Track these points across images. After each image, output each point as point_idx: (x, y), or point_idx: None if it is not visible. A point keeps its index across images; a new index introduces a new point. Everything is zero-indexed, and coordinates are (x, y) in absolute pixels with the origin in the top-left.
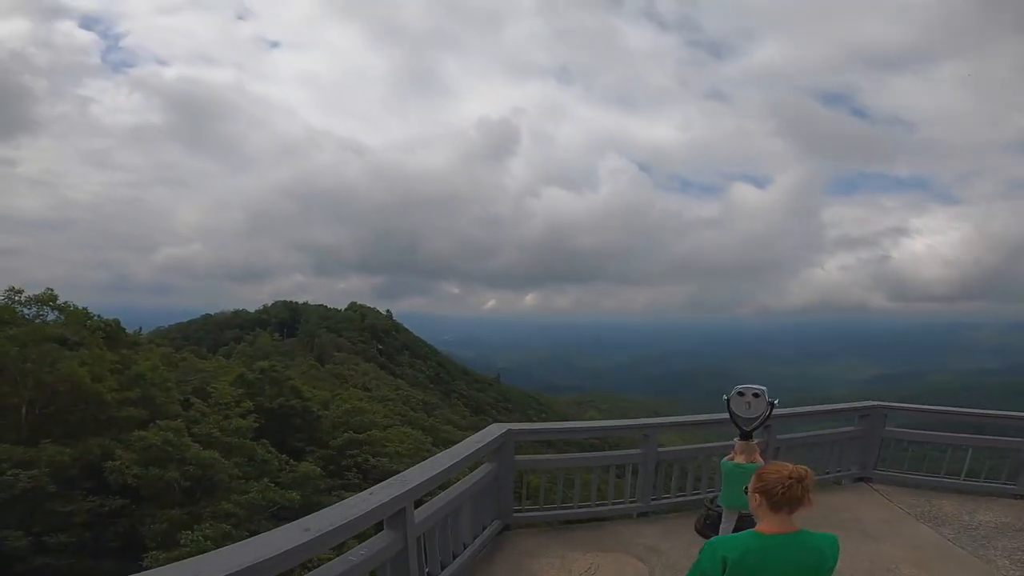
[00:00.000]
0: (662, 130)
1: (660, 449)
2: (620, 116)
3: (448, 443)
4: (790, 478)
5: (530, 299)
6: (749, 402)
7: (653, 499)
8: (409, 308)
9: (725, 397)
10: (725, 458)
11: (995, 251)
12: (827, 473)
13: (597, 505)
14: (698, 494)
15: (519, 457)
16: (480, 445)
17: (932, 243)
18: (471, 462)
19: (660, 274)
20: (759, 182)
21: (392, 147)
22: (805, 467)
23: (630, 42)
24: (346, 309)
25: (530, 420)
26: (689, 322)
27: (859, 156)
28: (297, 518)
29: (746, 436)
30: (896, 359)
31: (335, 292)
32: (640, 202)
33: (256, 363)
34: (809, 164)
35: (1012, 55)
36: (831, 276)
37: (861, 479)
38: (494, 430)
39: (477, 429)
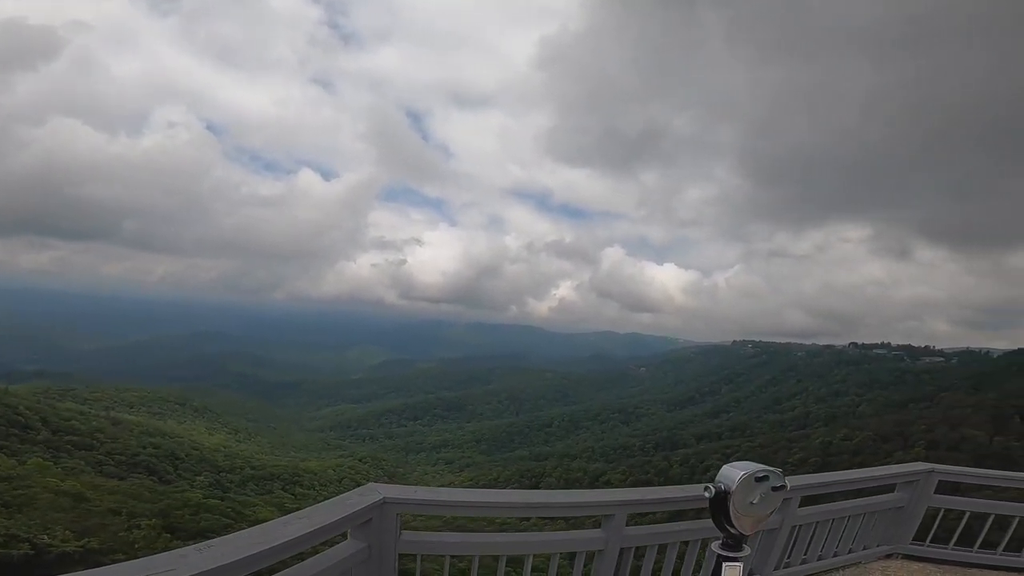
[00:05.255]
0: (255, 99)
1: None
2: (211, 69)
3: None
4: None
5: None
6: None
7: None
8: None
9: None
10: None
11: (470, 268)
12: None
13: None
14: None
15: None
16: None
17: (435, 255)
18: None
19: (195, 245)
20: (327, 174)
21: None
22: None
23: None
24: None
25: None
26: (221, 302)
27: (410, 171)
28: None
29: None
30: (399, 347)
31: None
32: (194, 164)
33: None
34: (375, 169)
35: (539, 123)
36: (361, 271)
37: None
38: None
39: None
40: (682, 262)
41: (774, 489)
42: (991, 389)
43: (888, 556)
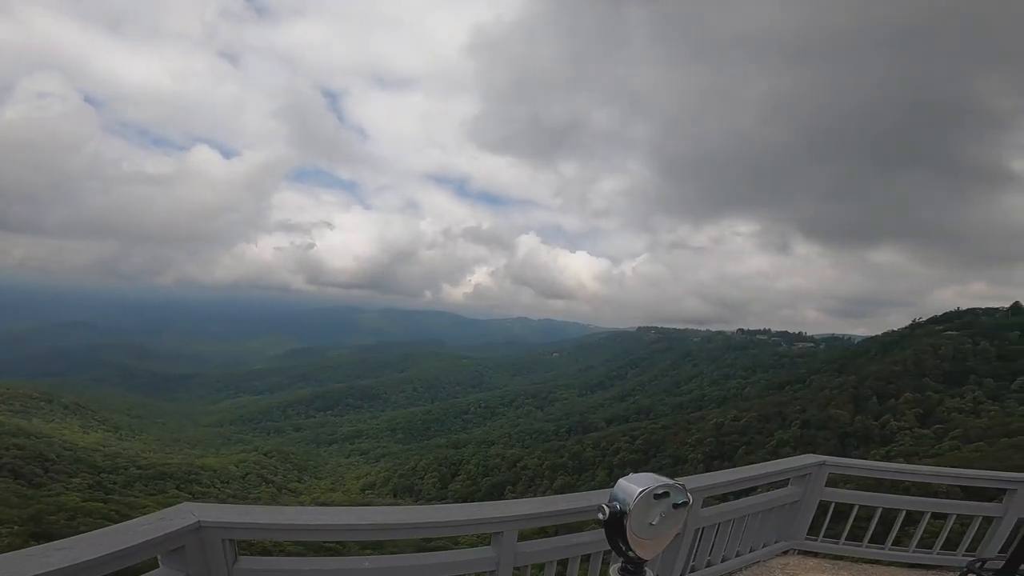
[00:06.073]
0: (148, 71)
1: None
2: (98, 39)
3: None
4: None
5: None
6: None
7: None
8: None
9: None
10: None
11: (384, 252)
12: None
13: None
14: None
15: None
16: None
17: (347, 239)
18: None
19: (63, 225)
20: (228, 152)
21: None
22: None
23: None
24: None
25: None
26: (95, 288)
27: (322, 151)
28: None
29: None
30: (306, 335)
31: None
32: (67, 138)
33: None
34: (284, 148)
35: (464, 109)
36: (263, 255)
37: None
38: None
39: None
40: (594, 250)
41: (675, 506)
42: (852, 372)
43: (786, 552)
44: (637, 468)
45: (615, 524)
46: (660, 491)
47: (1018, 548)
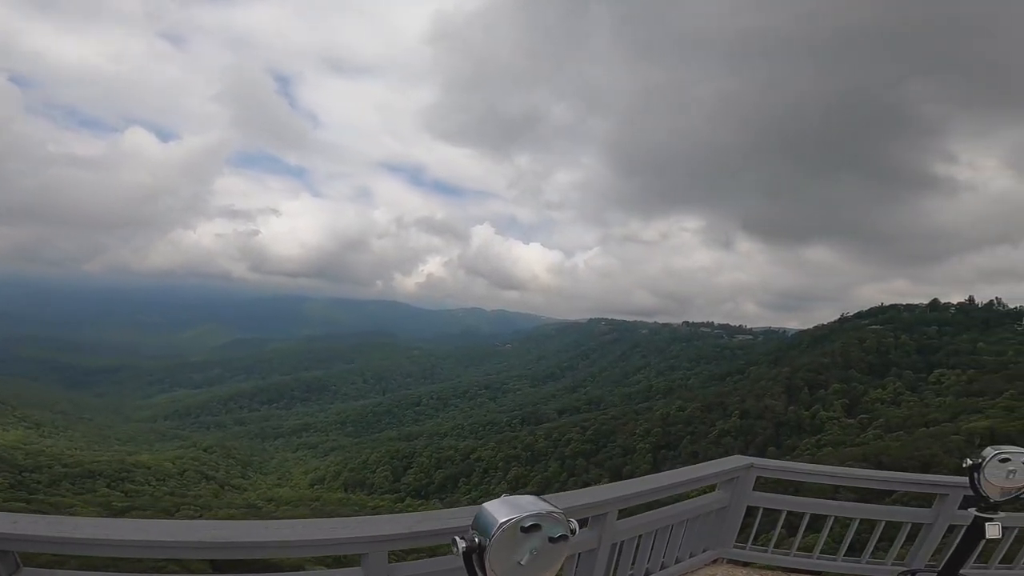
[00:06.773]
0: (79, 49)
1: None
2: (23, 15)
3: None
4: None
5: None
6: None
7: None
8: None
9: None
10: None
11: (334, 241)
12: None
13: None
14: None
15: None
16: None
17: (295, 226)
18: None
19: None
20: (164, 135)
21: None
22: None
23: None
24: None
25: None
26: (13, 275)
27: (268, 136)
28: None
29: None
30: (249, 325)
31: None
32: None
33: None
34: (227, 132)
35: (421, 98)
36: (202, 242)
37: None
38: None
39: None
40: (547, 242)
41: (552, 540)
42: (786, 364)
43: (715, 561)
44: (589, 459)
45: (474, 559)
46: (529, 523)
47: (951, 559)
